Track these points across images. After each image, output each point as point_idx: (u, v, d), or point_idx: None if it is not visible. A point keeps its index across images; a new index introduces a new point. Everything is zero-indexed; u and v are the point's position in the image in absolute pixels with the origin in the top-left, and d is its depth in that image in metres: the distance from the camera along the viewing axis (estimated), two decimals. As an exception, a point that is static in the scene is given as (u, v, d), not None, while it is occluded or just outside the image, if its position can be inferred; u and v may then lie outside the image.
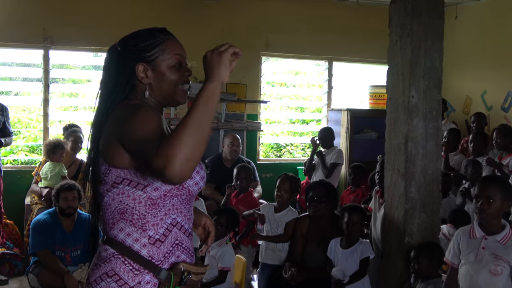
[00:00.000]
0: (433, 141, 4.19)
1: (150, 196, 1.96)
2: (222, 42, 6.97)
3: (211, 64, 1.85)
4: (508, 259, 3.32)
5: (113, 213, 1.99)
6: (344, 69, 9.44)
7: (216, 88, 1.83)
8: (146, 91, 2.07)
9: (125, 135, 1.88)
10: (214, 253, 4.32)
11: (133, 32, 2.14)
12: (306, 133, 9.80)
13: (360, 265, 4.15)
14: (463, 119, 8.86)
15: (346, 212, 4.26)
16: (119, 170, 1.96)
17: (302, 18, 8.68)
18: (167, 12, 7.83)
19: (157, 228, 1.97)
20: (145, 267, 1.94)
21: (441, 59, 4.23)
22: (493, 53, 8.37)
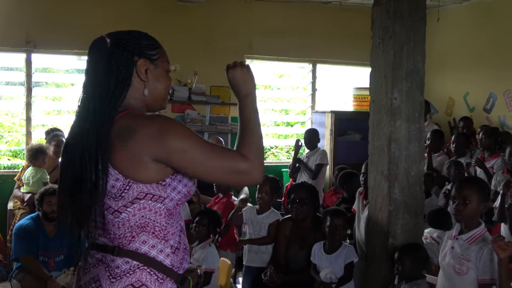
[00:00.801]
0: (416, 142, 4.21)
1: (167, 207, 1.99)
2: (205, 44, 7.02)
3: (248, 79, 2.14)
4: (470, 259, 3.32)
5: (132, 227, 1.96)
6: (328, 71, 9.47)
7: (254, 97, 2.15)
8: (145, 90, 2.05)
9: (181, 151, 1.89)
10: (198, 256, 4.31)
11: (125, 30, 2.09)
12: (291, 135, 9.81)
13: (345, 270, 4.13)
14: (446, 121, 8.93)
15: (328, 216, 4.24)
16: (142, 185, 1.93)
17: (285, 21, 8.70)
18: (150, 15, 7.81)
19: (175, 237, 2.03)
20: (168, 275, 1.98)
21: (423, 61, 4.25)
22: (475, 54, 8.45)
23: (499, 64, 8.06)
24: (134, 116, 1.96)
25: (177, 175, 1.99)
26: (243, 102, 2.11)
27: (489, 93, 8.26)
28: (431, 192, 5.75)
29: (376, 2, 4.32)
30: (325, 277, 4.08)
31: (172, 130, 1.90)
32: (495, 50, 8.14)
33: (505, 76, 7.96)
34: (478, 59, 8.41)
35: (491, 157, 6.31)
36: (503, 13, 8.06)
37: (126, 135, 1.90)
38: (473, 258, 3.31)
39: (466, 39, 8.66)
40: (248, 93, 2.12)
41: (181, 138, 1.90)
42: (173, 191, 1.99)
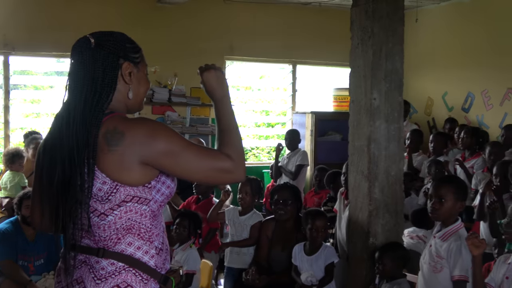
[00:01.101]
0: (395, 142, 4.24)
1: (152, 208, 2.02)
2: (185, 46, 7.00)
3: (223, 81, 2.17)
4: (442, 256, 3.35)
5: (118, 230, 1.97)
6: (308, 72, 9.50)
7: (230, 99, 2.19)
8: (129, 92, 2.07)
9: (168, 154, 1.92)
10: (179, 258, 4.30)
11: (107, 31, 2.08)
12: (272, 136, 9.82)
13: (326, 271, 4.13)
14: (425, 120, 9.01)
15: (309, 218, 4.22)
16: (129, 188, 1.94)
17: (265, 22, 8.72)
18: (129, 17, 7.78)
19: (159, 238, 2.05)
20: (152, 276, 2.00)
21: (402, 62, 4.28)
22: (453, 55, 8.54)
23: (477, 64, 8.14)
24: (121, 119, 1.97)
25: (161, 177, 2.01)
26: (220, 103, 2.14)
27: (467, 93, 8.34)
28: (411, 192, 5.79)
29: (355, 3, 4.35)
30: (305, 280, 4.07)
31: (161, 133, 1.93)
32: (472, 50, 8.23)
33: (483, 75, 8.05)
34: (456, 59, 8.50)
35: (471, 156, 6.36)
36: (480, 14, 8.15)
37: (115, 138, 1.91)
38: (445, 255, 3.33)
39: (444, 39, 8.74)
40: (224, 94, 2.15)
41: (169, 141, 1.93)
42: (157, 193, 2.02)
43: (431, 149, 6.57)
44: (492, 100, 7.96)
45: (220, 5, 8.31)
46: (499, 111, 7.84)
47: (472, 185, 5.75)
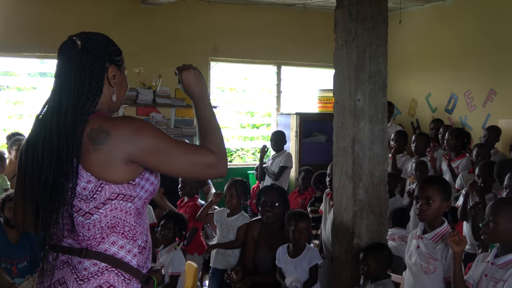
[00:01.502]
0: (379, 143, 4.26)
1: (137, 206, 2.04)
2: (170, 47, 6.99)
3: (200, 80, 2.23)
4: (437, 258, 3.38)
5: (103, 228, 1.99)
6: (293, 73, 9.52)
7: (208, 96, 2.27)
8: (113, 95, 2.11)
9: (152, 150, 1.96)
10: (164, 260, 4.29)
11: (92, 32, 2.11)
12: (257, 137, 9.83)
13: (310, 273, 4.12)
14: (409, 121, 9.06)
15: (292, 219, 4.20)
16: (114, 186, 1.97)
17: (250, 23, 8.73)
18: (113, 18, 7.76)
19: (142, 236, 2.08)
20: (134, 275, 2.02)
21: (386, 63, 4.30)
22: (437, 56, 8.60)
23: (460, 65, 8.22)
24: (106, 119, 2.00)
25: (145, 174, 2.04)
26: (199, 102, 2.20)
27: (451, 94, 8.41)
28: (395, 192, 5.83)
29: (339, 4, 4.36)
30: (290, 285, 4.06)
31: (147, 130, 1.98)
32: (455, 51, 8.30)
33: (466, 77, 8.12)
34: (440, 61, 8.57)
35: (456, 157, 6.41)
36: (463, 16, 8.22)
37: (100, 137, 1.94)
38: (439, 257, 3.36)
39: (427, 41, 8.81)
40: (203, 92, 2.21)
41: (155, 138, 1.97)
42: (141, 190, 2.04)
43: (414, 150, 6.61)
44: (475, 101, 8.03)
45: (204, 6, 8.31)
46: (482, 112, 7.92)
47: (457, 186, 5.79)
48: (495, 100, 7.74)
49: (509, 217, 3.07)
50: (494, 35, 7.73)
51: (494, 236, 3.10)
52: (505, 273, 2.97)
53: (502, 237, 3.09)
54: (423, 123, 8.75)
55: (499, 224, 3.06)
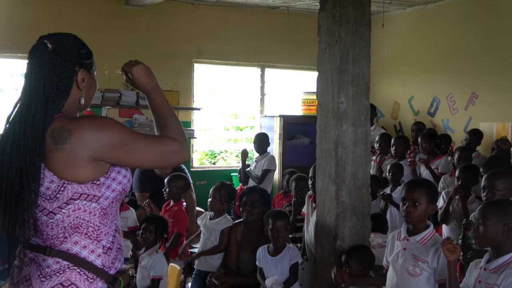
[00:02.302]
0: (362, 145, 4.27)
1: (102, 206, 2.05)
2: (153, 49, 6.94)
3: (151, 73, 2.26)
4: (426, 260, 3.38)
5: (65, 228, 2.01)
6: (277, 75, 9.54)
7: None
8: (81, 98, 2.13)
9: (117, 145, 1.98)
10: (145, 263, 4.26)
11: (63, 33, 2.13)
12: (241, 139, 9.82)
13: (290, 272, 4.13)
14: (392, 124, 9.11)
15: (270, 218, 4.22)
16: (77, 186, 1.99)
17: (234, 25, 8.73)
18: (96, 20, 7.72)
19: (108, 237, 2.08)
20: (98, 275, 2.03)
21: (369, 66, 4.31)
22: (419, 59, 8.67)
23: (442, 68, 8.28)
24: (68, 119, 2.02)
25: (111, 173, 2.06)
26: (153, 93, 2.24)
27: (433, 97, 8.47)
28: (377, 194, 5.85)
29: (322, 7, 4.37)
30: (270, 287, 4.07)
31: (109, 126, 2.00)
32: (438, 55, 8.36)
33: (448, 80, 8.19)
34: (422, 64, 8.63)
35: (434, 159, 6.46)
36: (445, 20, 8.29)
37: (62, 137, 1.96)
38: (430, 259, 3.36)
39: (410, 44, 8.87)
40: (155, 84, 2.25)
41: (118, 133, 2.00)
42: (107, 189, 2.05)
43: (393, 153, 6.63)
44: (457, 104, 8.10)
45: (188, 8, 8.29)
46: (464, 115, 7.99)
47: (439, 188, 5.82)
48: (477, 104, 7.81)
49: (499, 219, 3.04)
50: (476, 39, 7.80)
51: (485, 240, 3.09)
52: (498, 277, 2.96)
53: (492, 241, 3.07)
54: (406, 126, 8.80)
55: (489, 227, 3.05)
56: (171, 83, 8.23)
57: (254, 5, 8.64)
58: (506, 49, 7.41)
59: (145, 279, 4.27)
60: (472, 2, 7.88)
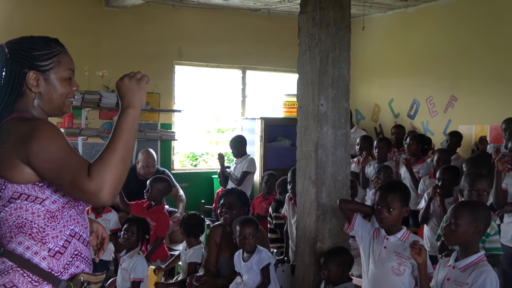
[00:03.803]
0: (342, 148, 4.29)
1: (49, 209, 2.00)
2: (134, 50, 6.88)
3: (131, 91, 1.99)
4: (408, 256, 3.40)
5: (11, 227, 2.00)
6: (258, 78, 9.55)
7: (138, 114, 1.98)
8: (35, 100, 2.09)
9: (37, 156, 1.90)
10: (126, 265, 4.25)
11: (23, 37, 2.12)
12: (222, 142, 9.82)
13: (262, 274, 4.10)
14: (372, 127, 9.16)
15: (237, 225, 4.17)
16: (16, 186, 1.97)
17: (215, 27, 8.73)
18: (76, 21, 7.67)
19: (56, 241, 2.02)
20: (45, 278, 1.98)
21: (349, 69, 4.34)
22: (399, 62, 8.73)
23: (422, 71, 8.35)
24: (16, 121, 2.00)
25: None
26: (122, 114, 1.97)
27: (413, 100, 8.53)
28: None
29: (303, 10, 4.39)
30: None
31: (39, 135, 1.92)
32: (418, 58, 8.43)
33: (428, 83, 8.26)
34: (402, 67, 8.69)
35: (416, 162, 6.50)
36: (425, 23, 8.37)
37: (2, 137, 1.97)
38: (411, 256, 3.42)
39: (390, 47, 8.93)
40: (128, 106, 1.98)
41: (44, 144, 1.91)
42: (54, 193, 2.01)
43: (376, 155, 6.68)
44: (437, 107, 8.17)
45: (169, 10, 8.27)
46: (443, 118, 8.06)
47: (419, 190, 5.86)
48: (456, 106, 7.89)
49: (470, 220, 3.13)
50: (455, 42, 7.88)
51: (455, 238, 3.16)
52: (468, 276, 3.02)
53: (462, 240, 3.15)
54: (386, 128, 8.86)
55: (460, 227, 3.12)
56: (152, 85, 8.19)
57: (235, 7, 8.65)
58: (484, 53, 7.50)
59: (125, 281, 4.26)
60: (451, 6, 7.95)
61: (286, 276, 4.81)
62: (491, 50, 7.41)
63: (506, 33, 7.23)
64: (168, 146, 8.47)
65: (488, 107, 7.40)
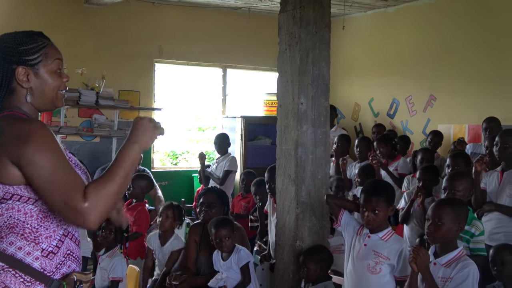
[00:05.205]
0: (322, 146, 4.30)
1: (42, 209, 1.97)
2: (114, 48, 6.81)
3: (144, 131, 2.01)
4: (387, 256, 3.44)
5: (1, 228, 1.97)
6: (239, 76, 9.54)
7: (141, 152, 2.02)
8: (27, 95, 2.05)
9: (30, 162, 1.86)
10: (105, 264, 4.22)
11: (7, 33, 2.08)
12: (203, 140, 9.80)
13: (242, 273, 4.11)
14: (352, 126, 9.20)
15: (212, 227, 4.16)
16: (8, 187, 1.93)
17: (196, 26, 8.71)
18: (55, 18, 7.62)
19: (50, 241, 2.00)
20: (37, 279, 1.95)
21: (329, 67, 4.35)
22: (379, 62, 8.78)
23: (401, 71, 8.41)
24: (8, 118, 1.97)
25: None
26: (127, 145, 2.00)
27: (392, 99, 8.59)
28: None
29: (283, 8, 4.39)
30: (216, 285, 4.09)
31: (32, 139, 1.88)
32: (397, 57, 8.49)
33: (407, 82, 8.31)
34: (382, 66, 8.74)
35: (392, 161, 6.54)
36: (405, 23, 8.42)
37: None
38: (392, 256, 3.43)
39: (370, 46, 8.98)
40: (136, 141, 2.00)
41: (36, 150, 1.87)
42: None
43: (357, 154, 6.70)
44: (416, 106, 8.23)
45: (149, 8, 8.24)
46: (423, 117, 8.12)
47: (403, 188, 5.88)
48: (435, 106, 7.95)
49: (452, 218, 3.17)
50: (434, 42, 7.94)
51: (441, 237, 3.17)
52: (452, 271, 3.06)
53: (446, 238, 3.17)
54: (366, 127, 8.91)
55: (444, 225, 3.14)
56: (132, 83, 8.17)
57: (216, 5, 8.63)
58: (463, 53, 7.56)
59: (104, 280, 4.23)
60: (431, 6, 8.01)
61: (265, 274, 4.82)
62: (470, 50, 7.48)
63: (485, 33, 7.30)
64: (148, 145, 8.42)
65: (467, 106, 7.47)
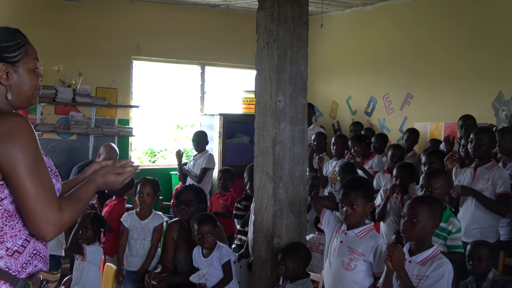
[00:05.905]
0: (299, 144, 4.32)
1: (7, 208, 1.96)
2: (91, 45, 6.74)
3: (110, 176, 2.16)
4: (362, 253, 3.47)
5: None
6: (217, 74, 9.53)
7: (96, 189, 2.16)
8: (8, 93, 2.03)
9: (12, 157, 1.86)
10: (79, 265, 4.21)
11: None
12: (181, 138, 9.77)
13: (223, 270, 4.12)
14: (330, 123, 9.24)
15: (195, 223, 4.15)
16: None
17: (174, 23, 8.67)
18: (31, 14, 7.52)
19: (15, 240, 1.98)
20: (2, 278, 1.94)
21: (306, 65, 4.36)
22: (357, 60, 8.83)
23: (379, 69, 8.46)
24: None
25: None
26: (92, 178, 2.16)
27: (370, 97, 8.64)
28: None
29: (261, 6, 4.39)
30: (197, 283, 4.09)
31: (13, 135, 1.88)
32: (375, 56, 8.54)
33: (385, 81, 8.37)
34: (360, 64, 8.79)
35: (367, 159, 6.58)
36: (382, 21, 8.47)
37: None
38: (367, 253, 3.45)
39: (348, 45, 9.03)
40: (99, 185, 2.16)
41: (17, 147, 1.88)
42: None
43: (334, 152, 6.73)
44: (393, 104, 8.29)
45: (126, 4, 8.17)
46: (400, 115, 8.18)
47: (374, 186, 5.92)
48: (412, 104, 8.02)
49: (428, 215, 3.19)
50: (412, 41, 8.01)
51: (416, 234, 3.19)
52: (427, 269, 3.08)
53: (421, 235, 3.19)
54: (344, 125, 8.95)
55: (420, 222, 3.16)
56: (109, 80, 8.10)
57: (194, 2, 8.60)
58: (440, 52, 7.64)
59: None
60: (408, 5, 8.08)
61: (243, 272, 4.82)
62: (446, 50, 7.56)
63: (461, 33, 7.38)
64: (125, 142, 8.37)
65: (443, 105, 7.54)
